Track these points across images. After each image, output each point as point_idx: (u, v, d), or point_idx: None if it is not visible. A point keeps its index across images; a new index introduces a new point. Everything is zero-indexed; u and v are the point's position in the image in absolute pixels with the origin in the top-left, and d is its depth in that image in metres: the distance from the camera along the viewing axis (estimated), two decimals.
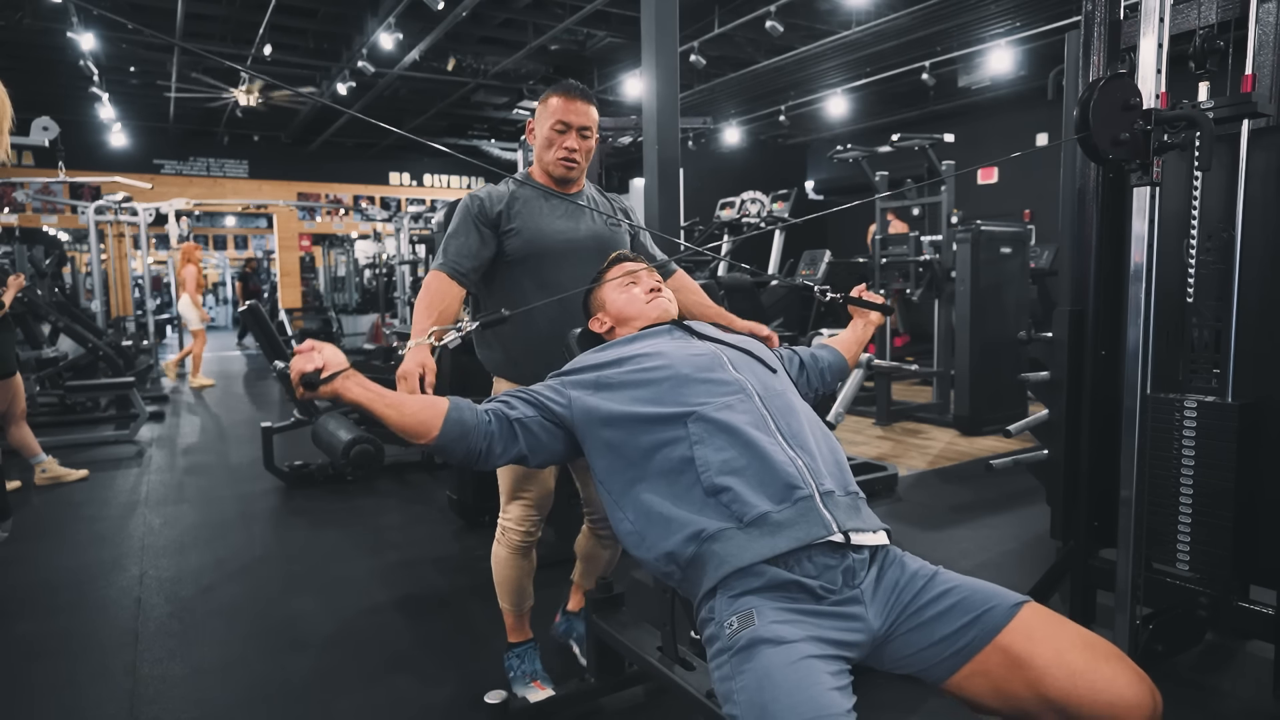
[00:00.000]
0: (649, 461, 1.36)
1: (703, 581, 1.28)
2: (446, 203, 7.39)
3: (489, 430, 1.40)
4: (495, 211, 1.90)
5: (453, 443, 1.38)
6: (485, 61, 9.46)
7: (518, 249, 1.91)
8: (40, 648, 2.45)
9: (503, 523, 2.03)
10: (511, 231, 1.90)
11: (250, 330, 5.06)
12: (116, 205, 8.51)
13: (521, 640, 2.13)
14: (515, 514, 2.00)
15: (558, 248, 1.93)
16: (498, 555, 2.05)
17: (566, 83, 1.93)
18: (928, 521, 3.55)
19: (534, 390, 1.49)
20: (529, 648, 2.13)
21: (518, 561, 2.03)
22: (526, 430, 1.43)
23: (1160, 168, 1.74)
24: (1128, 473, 1.82)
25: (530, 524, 2.01)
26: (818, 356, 1.84)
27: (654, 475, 1.35)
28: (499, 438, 1.41)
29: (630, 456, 1.38)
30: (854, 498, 1.34)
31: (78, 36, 7.64)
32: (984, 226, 5.25)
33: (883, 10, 7.25)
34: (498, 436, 1.40)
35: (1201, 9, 2.11)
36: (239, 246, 20.62)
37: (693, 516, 1.29)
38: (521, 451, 1.43)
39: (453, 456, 1.40)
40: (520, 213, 1.91)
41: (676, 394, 1.40)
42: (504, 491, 2.02)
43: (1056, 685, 1.11)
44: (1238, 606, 2.03)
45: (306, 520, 3.76)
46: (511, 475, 1.98)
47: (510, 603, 2.08)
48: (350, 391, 1.30)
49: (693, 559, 1.29)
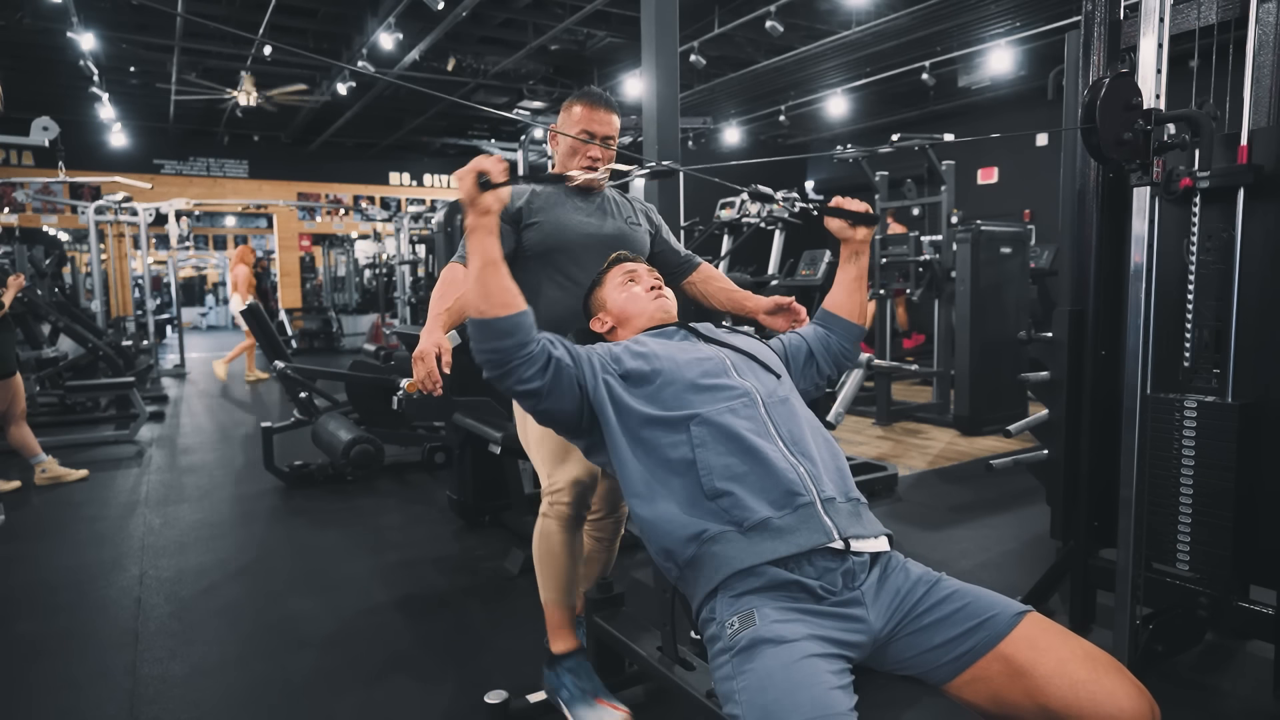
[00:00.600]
0: (653, 457, 1.38)
1: (701, 582, 1.29)
2: (446, 203, 7.38)
3: (533, 349, 1.39)
4: (515, 207, 1.89)
5: (512, 329, 1.37)
6: (485, 61, 9.46)
7: (537, 242, 1.89)
8: (40, 648, 2.45)
9: (549, 492, 1.81)
10: (533, 225, 1.88)
11: (250, 330, 5.06)
12: (116, 205, 8.51)
13: (569, 650, 1.84)
14: (564, 478, 1.79)
15: (579, 241, 1.91)
16: (545, 531, 1.80)
17: (591, 91, 1.93)
18: (928, 521, 3.55)
19: (576, 348, 1.49)
20: (580, 660, 1.84)
21: (568, 538, 1.78)
22: (556, 372, 1.41)
23: (1160, 168, 1.74)
24: (1128, 473, 1.83)
25: (582, 489, 1.79)
26: (828, 340, 1.73)
27: (659, 470, 1.37)
28: (536, 360, 1.39)
29: (637, 449, 1.40)
30: (855, 504, 1.34)
31: (78, 36, 7.63)
32: (984, 226, 5.26)
33: (883, 10, 7.26)
34: (536, 358, 1.39)
35: (1201, 9, 2.11)
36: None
37: (694, 519, 1.30)
38: (540, 387, 1.40)
39: (496, 346, 1.37)
40: (541, 207, 1.90)
41: (680, 398, 1.40)
42: (548, 459, 1.83)
43: (1057, 696, 1.11)
44: (1238, 606, 2.03)
45: (306, 520, 3.76)
46: (555, 440, 1.80)
47: (558, 591, 1.81)
48: (488, 222, 1.36)
49: (692, 559, 1.30)
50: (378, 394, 4.42)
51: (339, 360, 9.82)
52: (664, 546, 1.33)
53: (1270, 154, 1.92)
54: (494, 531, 3.47)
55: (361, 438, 4.18)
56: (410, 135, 13.63)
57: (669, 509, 1.33)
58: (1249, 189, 1.94)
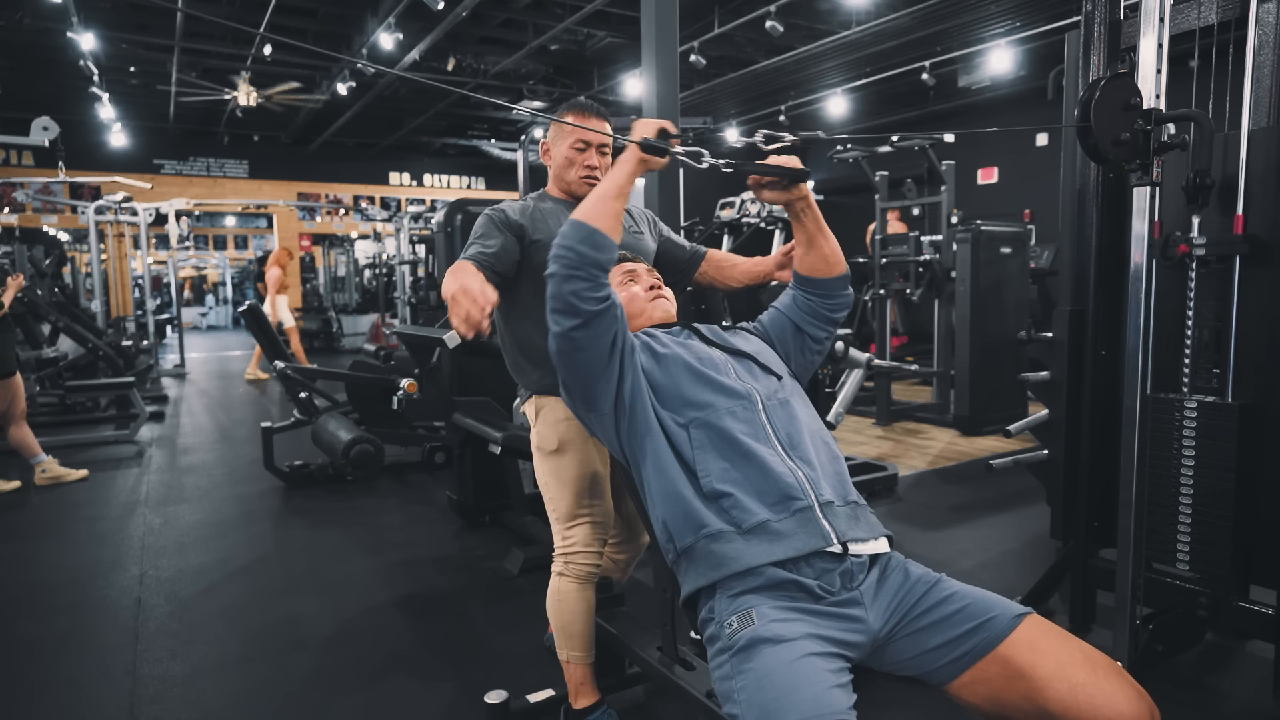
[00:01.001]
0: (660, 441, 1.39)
1: (694, 575, 1.30)
2: (446, 203, 7.39)
3: (604, 279, 1.40)
4: (519, 222, 1.83)
5: (606, 248, 1.39)
6: (485, 61, 9.46)
7: (542, 263, 1.78)
8: (40, 648, 2.45)
9: (564, 552, 1.82)
10: (536, 244, 1.82)
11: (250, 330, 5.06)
12: (116, 205, 8.52)
13: (592, 704, 1.83)
14: (580, 537, 1.81)
15: None
16: (560, 590, 1.81)
17: (579, 101, 1.91)
18: (928, 521, 3.55)
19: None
20: (605, 712, 1.84)
21: (586, 595, 1.80)
22: (607, 311, 1.40)
23: (1160, 167, 1.74)
24: (1128, 473, 1.83)
25: (599, 545, 1.82)
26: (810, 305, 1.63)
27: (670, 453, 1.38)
28: (602, 287, 1.39)
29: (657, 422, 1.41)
30: (854, 507, 1.34)
31: (78, 36, 7.63)
32: (984, 226, 5.26)
33: (883, 10, 7.25)
34: (603, 285, 1.39)
35: (1201, 9, 2.11)
36: (239, 246, 20.63)
37: (700, 507, 1.31)
38: (590, 311, 1.37)
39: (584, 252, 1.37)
40: (542, 226, 1.84)
41: (680, 399, 1.41)
42: (562, 515, 1.83)
43: (1056, 699, 1.11)
44: (1238, 606, 2.03)
45: (306, 520, 3.76)
46: (573, 493, 1.81)
47: (580, 648, 1.82)
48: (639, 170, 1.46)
49: (690, 549, 1.31)
50: (378, 394, 4.42)
51: (339, 360, 9.83)
52: (666, 521, 1.35)
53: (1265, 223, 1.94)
54: (494, 531, 3.47)
55: (361, 438, 4.18)
56: (410, 135, 13.64)
57: (679, 486, 1.34)
58: (1244, 258, 1.96)
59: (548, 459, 1.84)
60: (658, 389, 1.43)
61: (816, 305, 1.63)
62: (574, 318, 1.37)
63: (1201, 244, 1.96)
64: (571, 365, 1.43)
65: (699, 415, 1.37)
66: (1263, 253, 1.94)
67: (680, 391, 1.41)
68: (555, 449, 1.82)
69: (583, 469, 1.81)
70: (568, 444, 1.81)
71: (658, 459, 1.37)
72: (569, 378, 1.46)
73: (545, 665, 2.15)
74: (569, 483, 1.80)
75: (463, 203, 5.88)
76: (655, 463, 1.37)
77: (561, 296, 1.37)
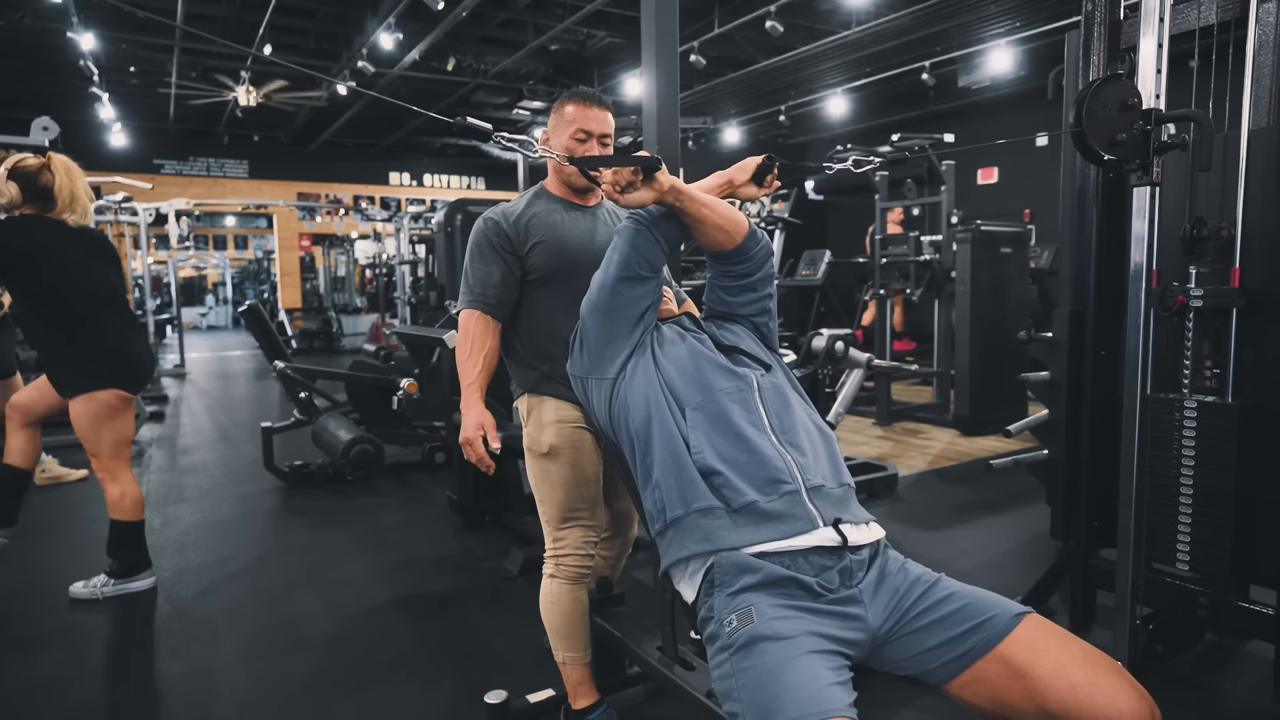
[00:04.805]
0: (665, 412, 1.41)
1: (677, 544, 1.32)
2: (446, 203, 7.38)
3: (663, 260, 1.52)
4: (513, 233, 1.77)
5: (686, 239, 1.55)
6: (485, 61, 9.46)
7: (542, 265, 1.77)
8: (40, 648, 2.45)
9: (554, 554, 1.81)
10: (534, 248, 1.77)
11: (250, 330, 5.06)
12: (116, 205, 8.50)
13: (592, 704, 1.84)
14: (571, 539, 1.80)
15: (586, 262, 1.74)
16: (553, 592, 1.80)
17: (582, 90, 1.81)
18: (928, 521, 3.55)
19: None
20: (605, 712, 1.84)
21: (579, 594, 1.80)
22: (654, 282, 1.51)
23: (1160, 167, 1.74)
24: (1128, 473, 1.82)
25: (590, 547, 1.81)
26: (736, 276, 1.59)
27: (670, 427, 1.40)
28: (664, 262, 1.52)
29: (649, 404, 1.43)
30: (846, 489, 1.37)
31: (78, 36, 7.64)
32: (984, 226, 5.26)
33: (883, 10, 7.26)
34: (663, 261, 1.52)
35: (1201, 9, 2.11)
36: (239, 246, 20.63)
37: (694, 479, 1.32)
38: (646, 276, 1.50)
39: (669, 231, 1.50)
40: (539, 227, 1.79)
41: (675, 384, 1.43)
42: (553, 517, 1.81)
43: (1057, 698, 1.11)
44: (1238, 606, 2.03)
45: (306, 520, 3.76)
46: (564, 495, 1.79)
47: (576, 649, 1.81)
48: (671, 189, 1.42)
49: (679, 520, 1.33)
50: (378, 394, 4.42)
51: (339, 360, 9.83)
52: (661, 488, 1.35)
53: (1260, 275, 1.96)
54: (494, 531, 3.47)
55: (361, 438, 4.18)
56: (410, 135, 13.65)
57: (676, 456, 1.35)
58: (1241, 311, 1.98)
59: (539, 461, 1.81)
60: (665, 372, 1.45)
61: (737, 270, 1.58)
62: (629, 270, 1.46)
63: (1199, 295, 1.97)
64: (602, 320, 1.49)
65: (700, 399, 1.40)
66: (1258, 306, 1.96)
67: (685, 374, 1.44)
68: (546, 452, 1.78)
69: (574, 471, 1.78)
70: (559, 446, 1.78)
71: (664, 427, 1.38)
72: (592, 331, 1.51)
73: (545, 665, 2.14)
74: (560, 485, 1.78)
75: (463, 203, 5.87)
76: (662, 430, 1.38)
77: (637, 248, 1.47)
